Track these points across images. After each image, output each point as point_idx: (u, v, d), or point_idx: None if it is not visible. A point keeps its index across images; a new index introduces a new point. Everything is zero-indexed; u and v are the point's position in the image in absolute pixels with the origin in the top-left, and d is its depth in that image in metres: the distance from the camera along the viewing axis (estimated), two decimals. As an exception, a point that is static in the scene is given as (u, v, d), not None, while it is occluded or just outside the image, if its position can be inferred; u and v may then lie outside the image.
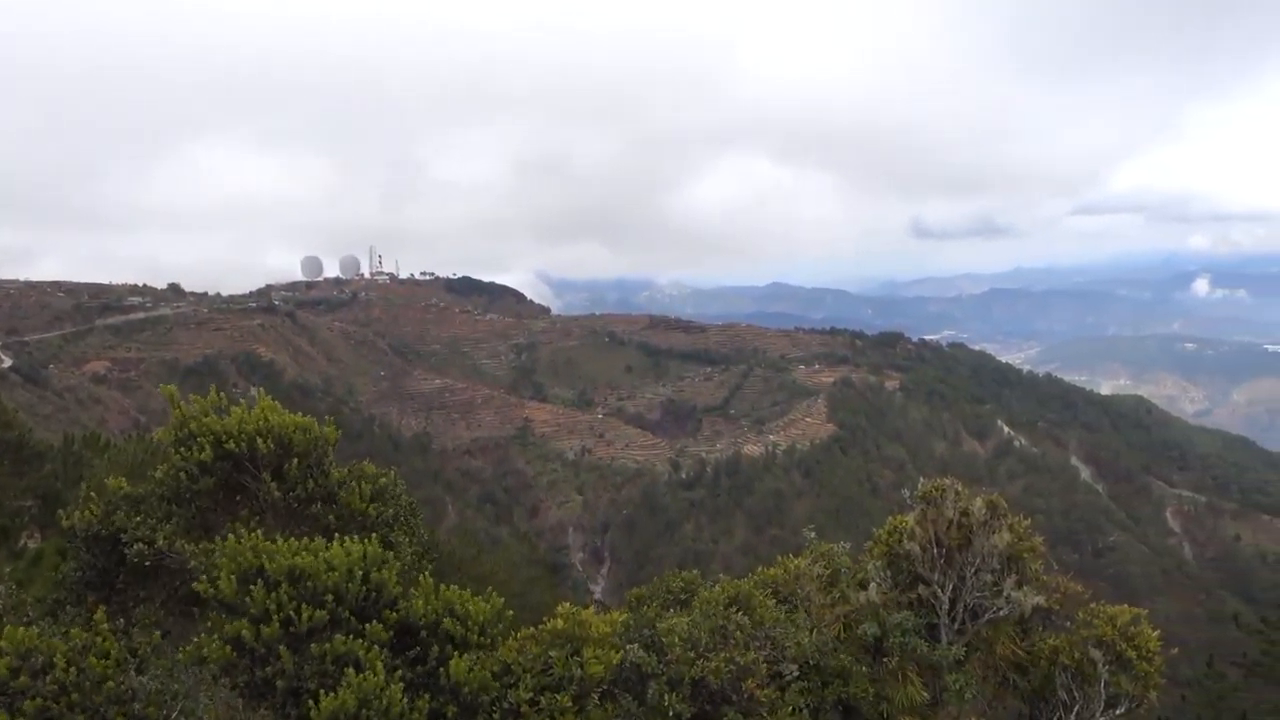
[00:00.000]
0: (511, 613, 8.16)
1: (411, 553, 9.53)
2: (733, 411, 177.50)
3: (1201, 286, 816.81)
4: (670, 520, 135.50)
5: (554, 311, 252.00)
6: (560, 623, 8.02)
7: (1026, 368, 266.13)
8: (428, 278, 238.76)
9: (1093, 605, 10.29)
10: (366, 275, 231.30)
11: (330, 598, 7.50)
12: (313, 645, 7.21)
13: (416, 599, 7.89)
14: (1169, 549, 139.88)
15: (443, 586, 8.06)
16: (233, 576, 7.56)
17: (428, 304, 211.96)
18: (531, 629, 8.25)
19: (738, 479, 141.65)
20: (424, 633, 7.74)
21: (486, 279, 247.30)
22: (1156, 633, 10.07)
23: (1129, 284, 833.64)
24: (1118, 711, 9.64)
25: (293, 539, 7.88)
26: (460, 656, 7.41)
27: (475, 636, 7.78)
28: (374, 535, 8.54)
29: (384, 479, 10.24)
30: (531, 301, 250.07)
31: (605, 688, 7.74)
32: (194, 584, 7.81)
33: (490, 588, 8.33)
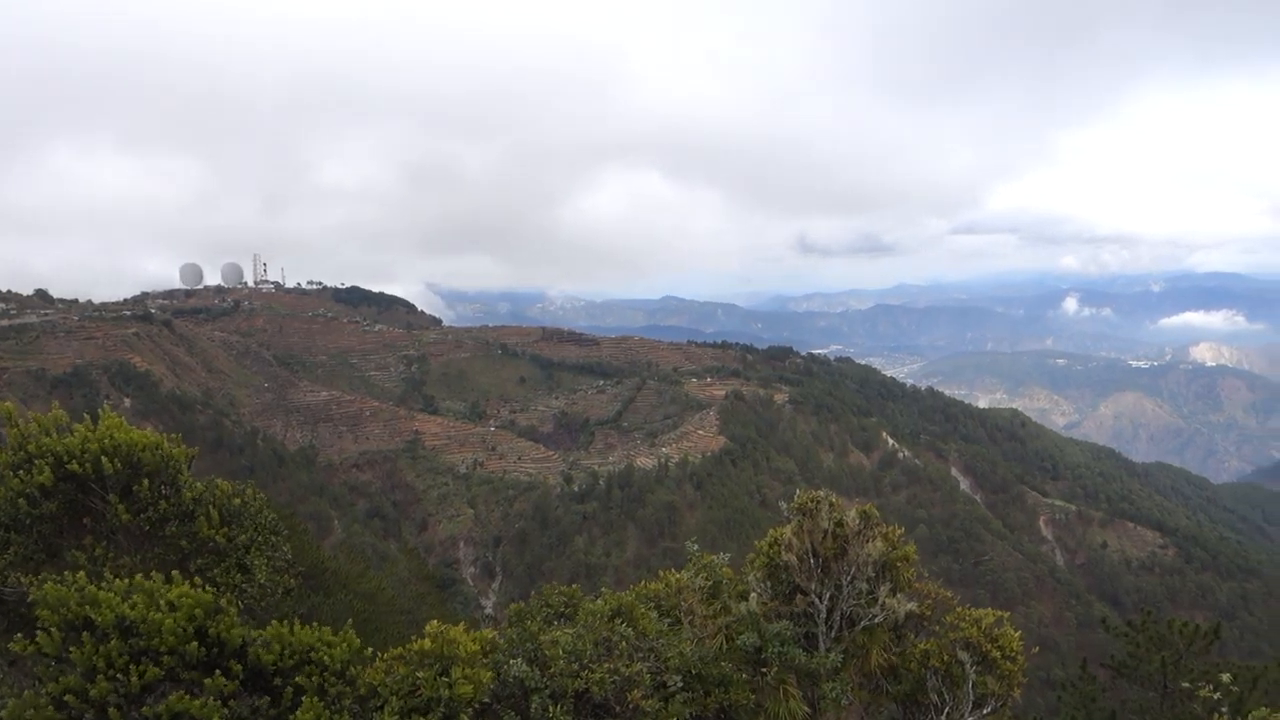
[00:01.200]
0: (370, 650, 7.85)
1: (267, 578, 9.23)
2: (625, 424, 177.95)
3: (1071, 305, 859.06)
4: (562, 533, 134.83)
5: (445, 323, 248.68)
6: (428, 643, 7.88)
7: (910, 382, 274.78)
8: (315, 287, 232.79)
9: (959, 609, 10.69)
10: (250, 284, 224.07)
11: (166, 655, 6.96)
12: (145, 706, 6.68)
13: (264, 651, 7.39)
14: (1042, 556, 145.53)
15: (296, 627, 7.58)
16: (56, 629, 6.91)
17: (315, 314, 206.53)
18: (400, 649, 8.08)
19: (630, 491, 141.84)
20: (276, 679, 7.33)
21: (375, 289, 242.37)
22: (1019, 634, 10.53)
23: (1005, 302, 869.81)
24: (984, 711, 10.04)
25: (124, 579, 7.36)
26: (313, 699, 7.04)
27: (332, 684, 7.36)
28: (228, 560, 8.24)
29: (238, 499, 9.82)
30: (422, 313, 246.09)
31: (485, 704, 7.66)
32: (10, 643, 7.12)
33: (350, 621, 8.04)
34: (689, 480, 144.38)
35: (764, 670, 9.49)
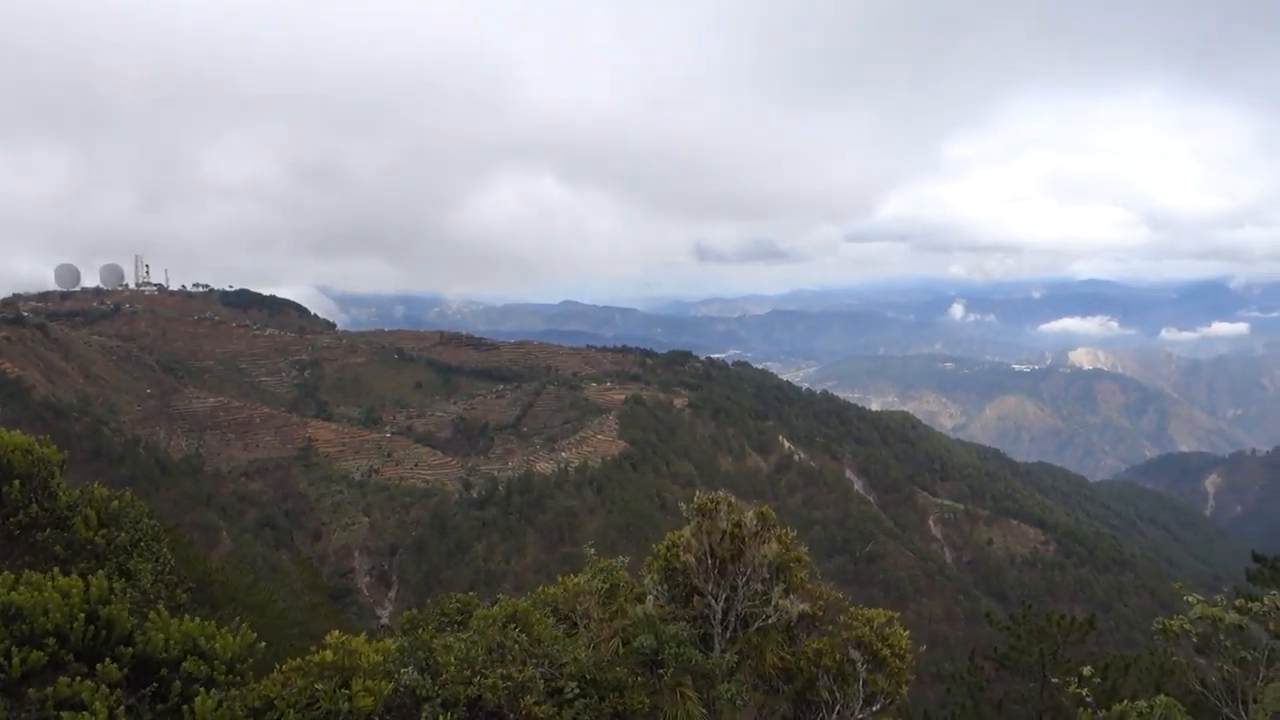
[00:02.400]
0: (264, 644, 7.61)
1: (153, 581, 8.87)
2: (525, 429, 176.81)
3: (958, 311, 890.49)
4: (461, 540, 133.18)
5: (339, 327, 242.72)
6: (329, 654, 7.67)
7: (806, 385, 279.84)
8: (201, 290, 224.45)
9: (852, 609, 10.94)
10: (132, 286, 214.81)
11: (51, 639, 6.73)
12: (30, 690, 6.45)
13: (155, 633, 7.19)
14: (931, 554, 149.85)
15: (185, 618, 7.41)
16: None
17: (201, 318, 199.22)
18: (298, 660, 7.84)
19: (529, 497, 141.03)
20: (164, 669, 7.08)
21: (265, 292, 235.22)
22: (908, 633, 10.82)
23: (896, 307, 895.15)
24: (874, 708, 10.28)
25: (8, 574, 7.08)
26: (207, 693, 6.81)
27: (221, 675, 7.15)
28: (108, 564, 7.88)
29: (117, 502, 9.46)
30: (315, 316, 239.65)
31: (377, 716, 7.48)
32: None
33: (241, 620, 7.75)
34: (589, 485, 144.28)
35: (660, 673, 9.52)
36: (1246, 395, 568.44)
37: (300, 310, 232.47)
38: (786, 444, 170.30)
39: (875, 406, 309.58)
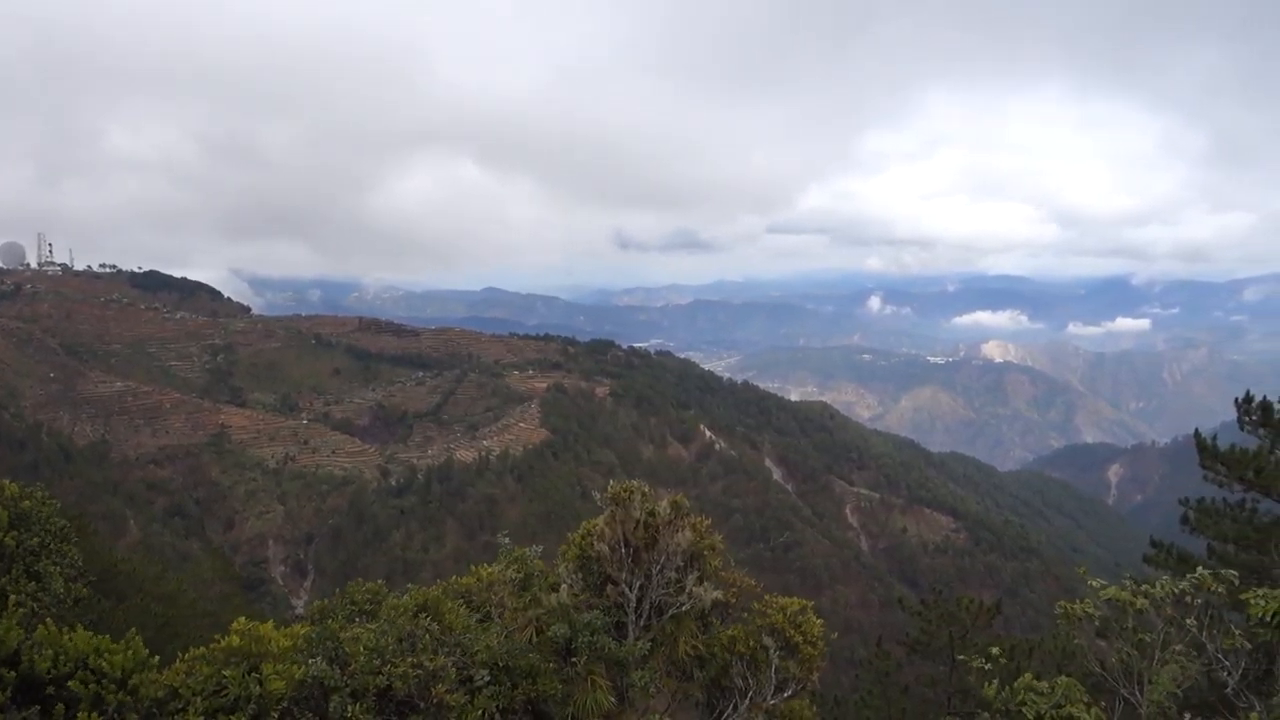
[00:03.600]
0: (157, 658, 7.35)
1: (63, 587, 8.57)
2: (446, 417, 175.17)
3: (875, 303, 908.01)
4: (379, 529, 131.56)
5: (255, 311, 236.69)
6: (235, 639, 7.53)
7: (727, 375, 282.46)
8: (108, 270, 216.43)
9: (766, 596, 11.11)
10: (34, 266, 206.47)
11: None
12: None
13: (42, 649, 6.86)
14: (848, 541, 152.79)
15: (78, 629, 7.08)
16: None
17: (108, 300, 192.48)
18: (203, 648, 7.67)
19: (450, 485, 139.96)
20: (50, 688, 6.77)
21: (177, 274, 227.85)
22: (820, 620, 11.04)
23: (816, 299, 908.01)
24: (786, 694, 10.48)
25: None
26: (89, 713, 6.51)
27: (111, 693, 6.81)
28: (15, 568, 7.58)
29: (28, 501, 9.10)
30: (229, 300, 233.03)
31: (285, 706, 7.36)
32: None
33: (134, 630, 7.49)
34: (510, 473, 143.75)
35: (573, 661, 9.55)
36: (1148, 388, 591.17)
37: (213, 293, 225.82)
38: (708, 433, 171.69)
39: (795, 397, 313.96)
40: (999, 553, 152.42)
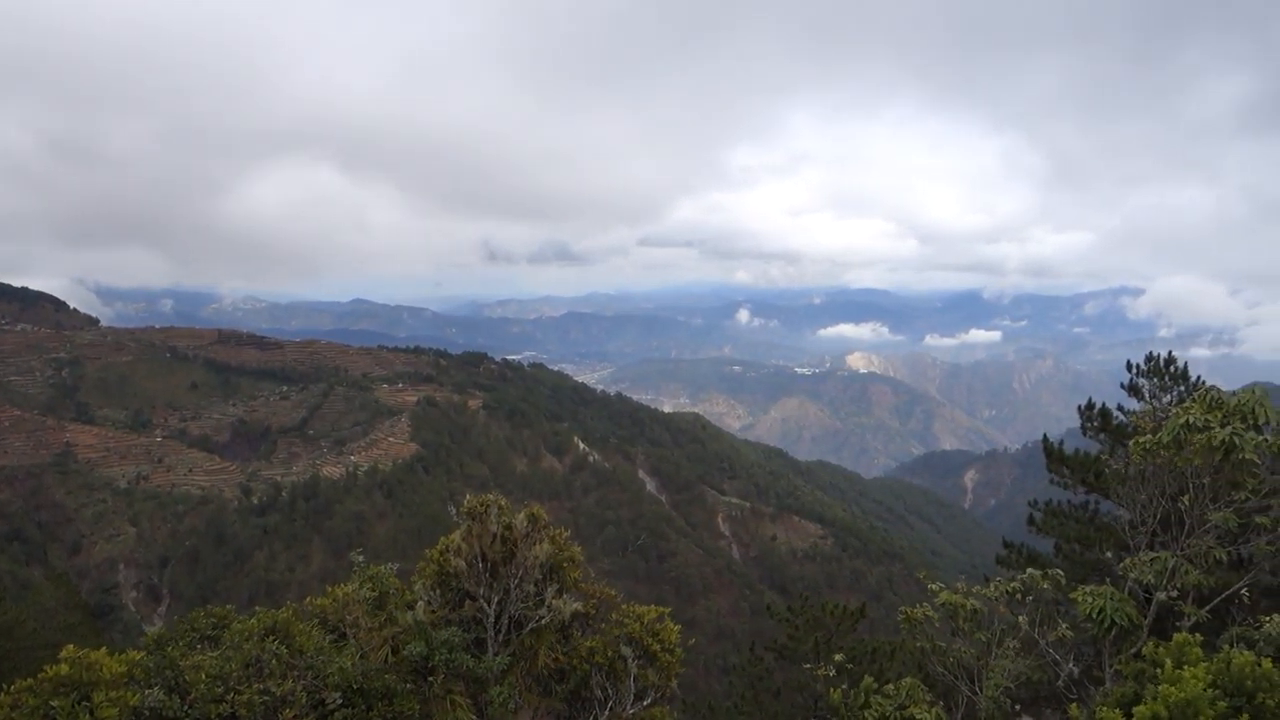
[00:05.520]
0: None
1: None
2: (311, 432, 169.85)
3: (744, 316, 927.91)
4: (240, 550, 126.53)
5: (103, 323, 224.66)
6: (65, 667, 7.11)
7: (600, 387, 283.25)
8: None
9: (624, 606, 11.17)
10: None
11: None
12: None
13: None
14: (720, 550, 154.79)
15: None
16: None
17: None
18: (30, 680, 7.21)
19: (316, 502, 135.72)
20: None
21: (17, 284, 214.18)
22: (678, 627, 11.16)
23: (687, 311, 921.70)
24: (645, 702, 10.55)
25: None
26: None
27: None
28: None
29: None
30: (75, 311, 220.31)
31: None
32: None
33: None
34: (379, 489, 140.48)
35: (431, 679, 9.39)
36: (1000, 397, 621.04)
37: (57, 304, 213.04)
38: (581, 445, 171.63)
39: (667, 408, 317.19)
40: (864, 558, 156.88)
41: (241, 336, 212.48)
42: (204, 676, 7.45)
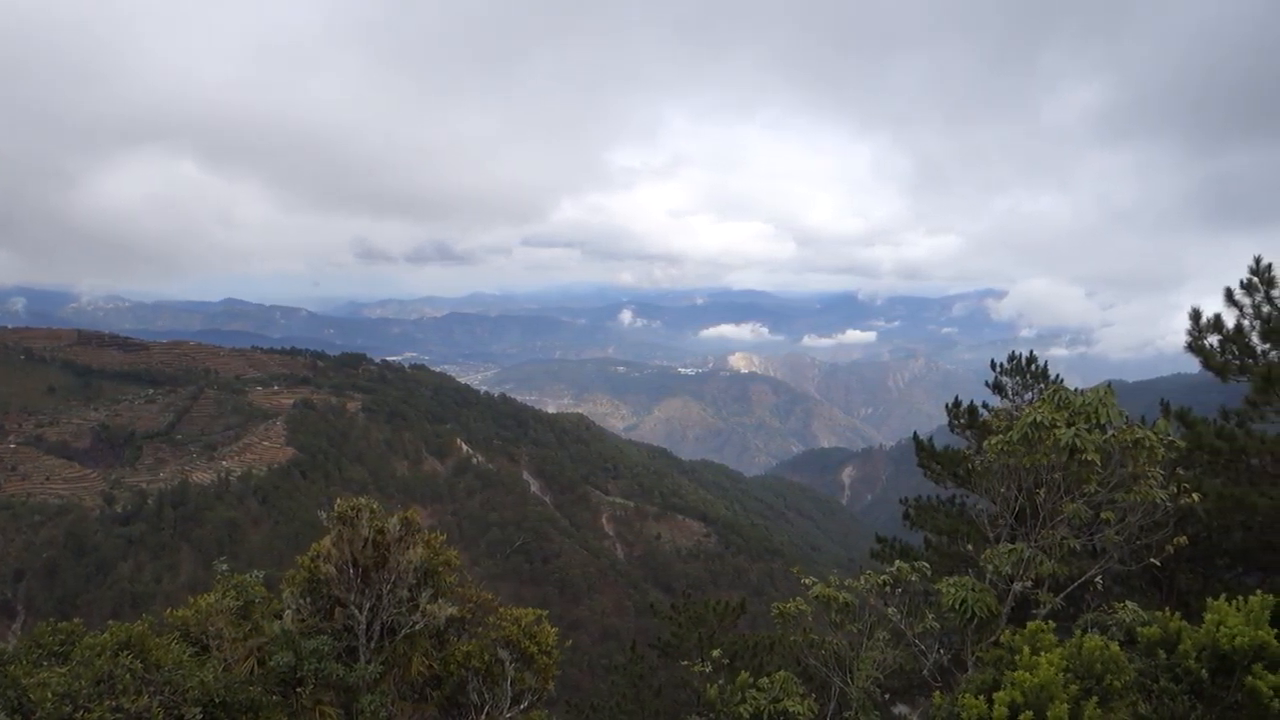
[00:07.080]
0: None
1: None
2: (179, 437, 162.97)
3: (627, 316, 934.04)
4: (103, 560, 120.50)
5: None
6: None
7: (484, 388, 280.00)
8: None
9: (501, 609, 11.09)
10: None
11: None
12: None
13: None
14: (604, 550, 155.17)
15: None
16: None
17: None
18: None
19: (185, 510, 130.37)
20: None
21: None
22: (555, 629, 11.15)
23: (571, 312, 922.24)
24: (522, 705, 10.51)
25: None
26: None
27: None
28: None
29: None
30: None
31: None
32: None
33: None
34: (253, 495, 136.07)
35: (299, 690, 9.13)
36: (875, 395, 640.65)
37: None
38: (465, 447, 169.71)
39: (552, 409, 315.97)
40: (746, 555, 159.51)
41: (103, 337, 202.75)
42: (50, 695, 7.05)
